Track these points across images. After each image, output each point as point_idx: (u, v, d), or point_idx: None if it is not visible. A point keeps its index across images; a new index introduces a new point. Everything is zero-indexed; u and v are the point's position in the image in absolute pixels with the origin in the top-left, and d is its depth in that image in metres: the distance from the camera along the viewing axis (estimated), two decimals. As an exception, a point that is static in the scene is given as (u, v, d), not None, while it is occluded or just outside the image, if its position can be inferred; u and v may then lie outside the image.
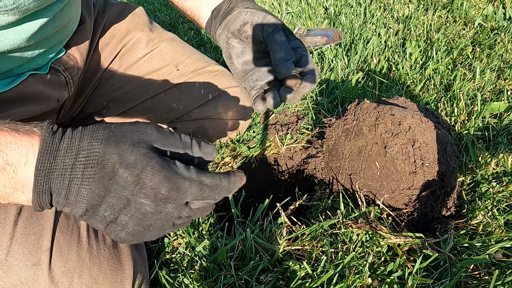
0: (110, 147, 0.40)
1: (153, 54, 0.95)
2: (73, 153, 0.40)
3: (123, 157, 0.40)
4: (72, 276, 0.56)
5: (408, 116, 0.93)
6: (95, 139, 0.41)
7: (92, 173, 0.40)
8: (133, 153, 0.40)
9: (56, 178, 0.40)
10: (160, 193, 0.41)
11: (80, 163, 0.40)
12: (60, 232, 0.58)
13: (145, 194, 0.41)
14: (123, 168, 0.40)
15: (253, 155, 1.23)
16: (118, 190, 0.41)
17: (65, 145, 0.40)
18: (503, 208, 0.91)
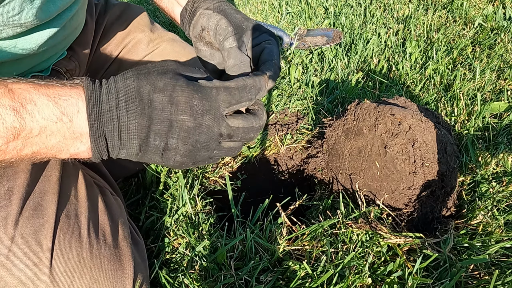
0: (141, 80, 0.46)
1: (153, 54, 0.95)
2: (113, 93, 0.46)
3: (155, 85, 0.46)
4: (73, 275, 0.56)
5: (408, 116, 0.93)
6: (127, 78, 0.47)
7: (134, 107, 0.45)
8: (161, 79, 0.46)
9: (106, 120, 0.45)
10: (194, 105, 0.46)
11: (121, 101, 0.46)
12: (61, 232, 0.58)
13: (182, 110, 0.46)
14: (157, 93, 0.46)
15: (253, 155, 1.23)
16: (158, 114, 0.46)
17: (105, 89, 0.46)
18: (503, 208, 0.91)
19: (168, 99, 0.46)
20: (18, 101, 0.42)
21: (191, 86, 0.47)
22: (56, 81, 0.47)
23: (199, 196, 0.94)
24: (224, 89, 0.48)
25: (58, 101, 0.44)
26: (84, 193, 0.65)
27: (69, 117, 0.45)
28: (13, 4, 0.54)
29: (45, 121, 0.44)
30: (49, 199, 0.60)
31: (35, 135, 0.44)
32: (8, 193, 0.57)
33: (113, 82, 0.47)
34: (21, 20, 0.56)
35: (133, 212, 0.93)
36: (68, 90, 0.45)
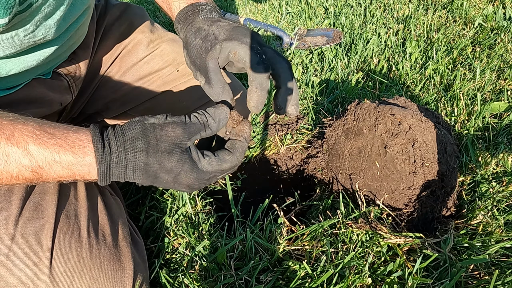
0: (150, 158, 0.51)
1: (153, 55, 0.95)
2: (122, 164, 0.51)
3: (162, 165, 0.52)
4: (73, 275, 0.56)
5: (408, 116, 0.93)
6: (137, 151, 0.51)
7: (140, 174, 0.52)
8: (169, 161, 0.52)
9: (114, 179, 0.53)
10: (193, 187, 0.55)
11: (129, 170, 0.52)
12: (60, 232, 0.58)
13: (182, 187, 0.55)
14: (163, 173, 0.52)
15: (253, 155, 1.23)
16: (161, 184, 0.54)
17: (115, 159, 0.51)
18: (503, 208, 0.91)
19: (172, 180, 0.53)
20: (36, 163, 0.49)
21: (194, 174, 0.53)
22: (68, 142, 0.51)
23: (199, 196, 0.94)
24: (219, 172, 0.56)
25: (72, 168, 0.51)
26: (83, 193, 0.65)
27: (81, 176, 0.52)
28: (30, 23, 0.55)
29: (60, 178, 0.52)
30: (49, 199, 0.60)
31: (50, 181, 0.53)
32: (8, 193, 0.57)
33: (123, 152, 0.51)
34: (35, 38, 0.58)
35: (133, 212, 0.93)
36: (81, 160, 0.51)
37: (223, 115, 0.56)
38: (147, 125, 0.53)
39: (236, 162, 0.56)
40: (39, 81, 0.73)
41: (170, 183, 0.53)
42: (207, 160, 0.54)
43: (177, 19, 0.67)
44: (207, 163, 0.54)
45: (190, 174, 0.53)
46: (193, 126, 0.54)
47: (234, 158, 0.56)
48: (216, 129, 0.56)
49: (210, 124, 0.55)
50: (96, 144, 0.51)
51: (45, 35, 0.59)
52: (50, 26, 0.59)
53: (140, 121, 0.53)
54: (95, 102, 0.95)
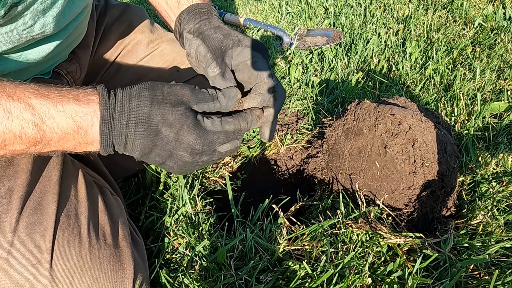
0: (154, 108, 0.50)
1: (153, 55, 0.95)
2: (125, 113, 0.50)
3: (165, 117, 0.50)
4: (73, 275, 0.56)
5: (408, 116, 0.93)
6: (142, 100, 0.50)
7: (142, 130, 0.50)
8: (172, 113, 0.50)
9: (115, 135, 0.51)
10: (195, 148, 0.52)
11: (131, 122, 0.50)
12: (61, 232, 0.58)
13: (183, 149, 0.52)
14: (165, 127, 0.51)
15: (253, 155, 1.23)
16: (162, 144, 0.52)
17: (118, 107, 0.50)
18: (503, 208, 0.91)
19: (174, 136, 0.51)
20: (38, 116, 0.48)
21: (197, 130, 0.52)
22: (71, 93, 0.51)
23: (199, 196, 0.94)
24: (224, 133, 0.54)
25: (75, 118, 0.50)
26: (84, 193, 0.65)
27: (84, 130, 0.51)
28: (27, 17, 0.55)
29: (63, 133, 0.50)
30: (49, 199, 0.60)
31: (54, 142, 0.51)
32: (9, 192, 0.57)
33: (128, 101, 0.50)
34: (33, 32, 0.58)
35: (133, 212, 0.93)
36: (85, 108, 0.50)
37: (234, 92, 0.55)
38: (157, 83, 0.53)
39: (240, 127, 0.55)
40: (39, 80, 0.73)
41: (171, 140, 0.51)
42: (210, 120, 0.53)
43: (188, 10, 0.67)
44: (210, 123, 0.53)
45: (193, 131, 0.51)
46: (202, 93, 0.54)
47: (237, 122, 0.54)
48: (225, 105, 0.55)
49: (219, 98, 0.54)
50: (102, 92, 0.51)
51: (44, 30, 0.59)
52: (48, 21, 0.58)
53: (151, 81, 0.53)
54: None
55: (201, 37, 0.62)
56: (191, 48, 0.63)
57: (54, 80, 0.77)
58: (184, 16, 0.66)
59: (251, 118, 0.56)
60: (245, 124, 0.56)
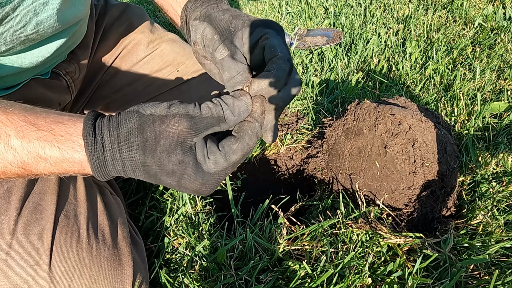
0: (148, 158, 0.44)
1: (153, 55, 0.95)
2: (119, 163, 0.45)
3: (162, 167, 0.44)
4: (72, 276, 0.56)
5: (408, 116, 0.93)
6: (132, 150, 0.44)
7: (140, 173, 0.46)
8: (169, 163, 0.44)
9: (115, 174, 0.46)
10: (202, 192, 0.47)
11: (128, 168, 0.45)
12: (60, 232, 0.58)
13: (188, 191, 0.47)
14: (165, 176, 0.45)
15: (253, 155, 1.23)
16: (166, 184, 0.47)
17: (109, 157, 0.45)
18: (503, 208, 0.91)
19: (176, 183, 0.46)
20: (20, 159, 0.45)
21: (199, 179, 0.45)
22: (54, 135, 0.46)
23: (199, 196, 0.94)
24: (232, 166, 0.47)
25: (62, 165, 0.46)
26: (83, 193, 0.65)
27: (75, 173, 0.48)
28: (18, 18, 0.54)
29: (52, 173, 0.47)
30: (48, 200, 0.60)
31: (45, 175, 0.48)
32: (7, 193, 0.57)
33: (118, 150, 0.44)
34: (26, 32, 0.57)
35: (133, 212, 0.93)
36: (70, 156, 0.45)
37: (244, 107, 0.46)
38: (146, 117, 0.44)
39: (248, 149, 0.47)
40: (38, 81, 0.73)
41: (175, 187, 0.47)
42: (213, 160, 0.45)
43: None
44: (213, 163, 0.45)
45: (195, 180, 0.45)
46: (204, 120, 0.44)
47: (243, 145, 0.46)
48: (234, 124, 0.47)
49: (227, 118, 0.45)
50: (86, 139, 0.44)
51: (37, 30, 0.58)
52: (41, 21, 0.58)
53: (137, 112, 0.45)
54: (95, 102, 0.95)
55: (207, 20, 0.55)
56: (197, 33, 0.55)
57: (53, 81, 0.77)
58: (190, 5, 0.61)
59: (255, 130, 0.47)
60: (252, 142, 0.47)
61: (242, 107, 0.46)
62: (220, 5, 0.58)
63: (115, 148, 0.44)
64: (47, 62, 0.70)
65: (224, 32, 0.53)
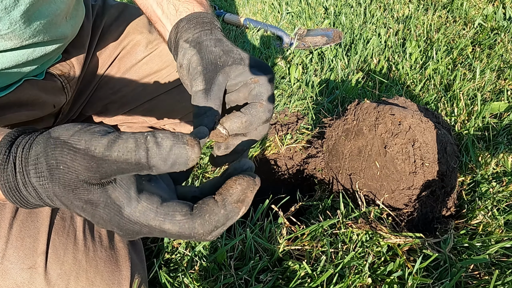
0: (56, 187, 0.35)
1: (152, 56, 0.94)
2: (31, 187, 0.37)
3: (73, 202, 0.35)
4: (69, 278, 0.56)
5: (408, 116, 0.93)
6: (41, 176, 0.36)
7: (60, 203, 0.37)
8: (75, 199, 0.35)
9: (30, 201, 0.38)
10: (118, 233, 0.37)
11: (44, 196, 0.37)
12: (55, 235, 0.58)
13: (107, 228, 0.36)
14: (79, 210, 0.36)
15: (253, 155, 1.23)
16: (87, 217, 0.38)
17: (20, 181, 0.37)
18: (503, 208, 0.91)
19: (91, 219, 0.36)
20: None
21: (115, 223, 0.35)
22: None
23: (199, 196, 0.93)
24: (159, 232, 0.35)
25: None
26: (79, 194, 0.65)
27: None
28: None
29: None
30: None
31: None
32: None
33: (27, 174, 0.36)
34: (0, 32, 0.56)
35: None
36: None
37: (183, 160, 0.33)
38: (51, 140, 0.35)
39: (190, 232, 0.34)
40: (32, 82, 0.73)
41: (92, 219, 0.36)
42: (143, 206, 0.34)
43: (188, 18, 0.59)
44: (140, 212, 0.34)
45: (110, 224, 0.35)
46: (112, 165, 0.33)
47: (189, 225, 0.34)
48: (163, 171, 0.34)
49: (154, 165, 0.33)
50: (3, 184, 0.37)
51: (13, 29, 0.57)
52: (15, 20, 0.56)
53: (48, 133, 0.37)
54: (94, 103, 0.94)
55: (198, 47, 0.54)
56: (184, 58, 0.54)
57: (47, 82, 0.76)
58: (183, 24, 0.59)
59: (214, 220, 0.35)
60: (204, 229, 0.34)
61: (180, 159, 0.33)
62: (214, 33, 0.56)
63: (25, 172, 0.37)
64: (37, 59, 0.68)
65: (210, 66, 0.51)
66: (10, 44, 0.59)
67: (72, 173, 0.34)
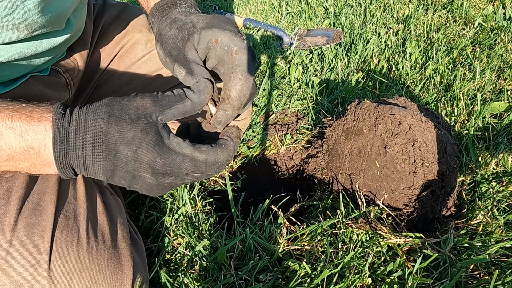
0: (112, 126, 0.45)
1: (151, 55, 0.95)
2: (81, 133, 0.45)
3: (123, 135, 0.45)
4: (72, 276, 0.56)
5: (408, 116, 0.93)
6: (98, 118, 0.45)
7: (100, 150, 0.45)
8: (131, 130, 0.44)
9: (72, 157, 0.46)
10: (156, 168, 0.45)
11: (88, 142, 0.45)
12: (59, 233, 0.58)
13: (144, 169, 0.46)
14: (123, 145, 0.45)
15: (253, 155, 1.23)
16: (122, 165, 0.46)
17: (73, 127, 0.45)
18: (503, 208, 0.91)
19: (133, 155, 0.45)
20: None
21: (157, 148, 0.45)
22: (27, 109, 0.46)
23: (199, 196, 0.94)
24: (190, 160, 0.46)
25: (25, 136, 0.45)
26: (83, 193, 0.65)
27: (35, 150, 0.46)
28: (4, 4, 0.53)
29: (12, 151, 0.46)
30: (48, 200, 0.59)
31: (4, 160, 0.47)
32: (7, 193, 0.57)
33: (83, 120, 0.46)
34: (14, 21, 0.56)
35: (133, 212, 0.93)
36: (36, 125, 0.45)
37: (203, 85, 0.49)
38: (115, 98, 0.47)
39: (214, 159, 0.47)
40: (37, 78, 0.73)
41: (130, 161, 0.45)
42: (176, 140, 0.46)
43: (152, 12, 0.62)
44: (176, 142, 0.46)
45: (152, 148, 0.45)
46: (165, 98, 0.47)
47: (213, 152, 0.47)
48: (197, 101, 0.48)
49: (189, 95, 0.48)
50: (57, 110, 0.45)
51: (26, 19, 0.57)
52: (29, 9, 0.56)
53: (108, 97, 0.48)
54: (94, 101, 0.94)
55: (160, 39, 0.56)
56: (158, 54, 0.58)
57: (52, 78, 0.77)
58: (151, 20, 0.62)
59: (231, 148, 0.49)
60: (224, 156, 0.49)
61: (201, 85, 0.48)
62: (169, 15, 0.58)
63: (81, 118, 0.45)
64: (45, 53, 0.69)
65: (173, 51, 0.54)
66: (21, 35, 0.59)
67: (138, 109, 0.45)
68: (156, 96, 0.47)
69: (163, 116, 0.47)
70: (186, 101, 0.48)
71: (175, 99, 0.47)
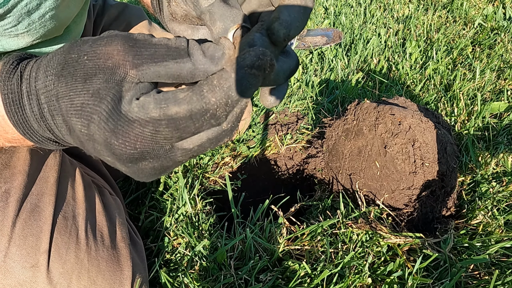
0: (62, 86, 0.31)
1: None
2: (34, 97, 0.33)
3: (72, 100, 0.31)
4: (71, 277, 0.56)
5: (408, 116, 0.92)
6: (49, 74, 0.32)
7: (61, 121, 0.32)
8: (81, 93, 0.30)
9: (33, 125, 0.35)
10: (115, 154, 0.31)
11: (45, 110, 0.33)
12: (58, 234, 0.58)
13: (103, 150, 0.31)
14: (75, 117, 0.31)
15: (253, 155, 1.23)
16: (83, 143, 0.33)
17: (25, 89, 0.33)
18: (503, 208, 0.91)
19: (87, 132, 0.31)
20: None
21: (111, 123, 0.29)
22: None
23: (199, 196, 0.94)
24: (167, 123, 0.29)
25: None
26: (82, 194, 0.65)
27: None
28: (10, 18, 0.54)
29: None
30: (46, 201, 0.59)
31: None
32: (5, 195, 0.57)
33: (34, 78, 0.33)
34: (17, 32, 0.56)
35: (133, 212, 0.93)
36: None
37: (220, 52, 0.30)
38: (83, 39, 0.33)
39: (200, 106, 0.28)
40: None
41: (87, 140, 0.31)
42: (140, 102, 0.29)
43: None
44: (137, 106, 0.29)
45: (105, 124, 0.29)
46: (152, 47, 0.31)
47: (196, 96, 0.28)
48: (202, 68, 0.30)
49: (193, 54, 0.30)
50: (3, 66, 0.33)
51: (29, 29, 0.58)
52: (33, 20, 0.57)
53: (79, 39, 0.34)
54: None
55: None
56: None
57: None
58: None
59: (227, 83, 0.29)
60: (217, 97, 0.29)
61: (218, 52, 0.31)
62: None
63: (33, 75, 0.33)
64: None
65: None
66: (22, 43, 0.59)
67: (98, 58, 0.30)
68: (134, 40, 0.31)
69: (139, 72, 0.31)
70: (185, 61, 0.31)
71: (167, 52, 0.30)
